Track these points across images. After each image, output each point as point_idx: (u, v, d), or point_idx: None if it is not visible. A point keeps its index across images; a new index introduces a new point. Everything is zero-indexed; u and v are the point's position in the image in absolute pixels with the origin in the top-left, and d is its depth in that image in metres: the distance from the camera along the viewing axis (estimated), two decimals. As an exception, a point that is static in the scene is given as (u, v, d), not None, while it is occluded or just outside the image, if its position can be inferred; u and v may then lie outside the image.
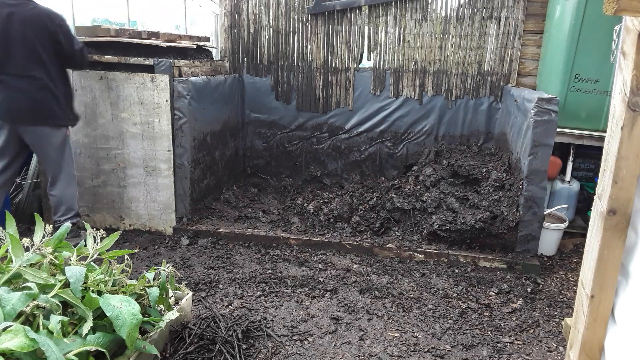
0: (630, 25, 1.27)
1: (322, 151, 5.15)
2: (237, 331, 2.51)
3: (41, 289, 1.88)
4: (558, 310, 3.04)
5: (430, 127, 4.87)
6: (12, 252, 1.95)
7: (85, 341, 1.77)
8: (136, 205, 3.99)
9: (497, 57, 4.62)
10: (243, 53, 5.02)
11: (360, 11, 4.74)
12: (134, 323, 1.86)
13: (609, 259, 1.40)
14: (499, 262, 3.56)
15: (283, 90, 5.05)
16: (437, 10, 4.62)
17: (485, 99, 4.73)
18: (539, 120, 3.35)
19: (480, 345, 2.62)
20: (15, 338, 1.54)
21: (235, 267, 3.44)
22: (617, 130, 1.32)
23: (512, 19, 4.51)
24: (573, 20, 3.73)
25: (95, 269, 2.15)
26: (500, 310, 3.01)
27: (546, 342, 2.70)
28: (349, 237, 3.87)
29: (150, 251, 3.71)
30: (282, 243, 3.83)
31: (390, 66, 4.81)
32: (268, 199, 4.75)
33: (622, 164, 1.32)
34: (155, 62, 3.70)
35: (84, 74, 3.75)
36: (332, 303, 3.00)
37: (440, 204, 3.86)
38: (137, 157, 3.89)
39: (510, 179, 3.75)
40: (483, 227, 3.57)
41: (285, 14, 4.85)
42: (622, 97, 1.30)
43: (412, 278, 3.38)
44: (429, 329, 2.75)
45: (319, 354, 2.49)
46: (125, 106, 3.79)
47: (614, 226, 1.37)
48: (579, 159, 4.33)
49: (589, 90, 3.84)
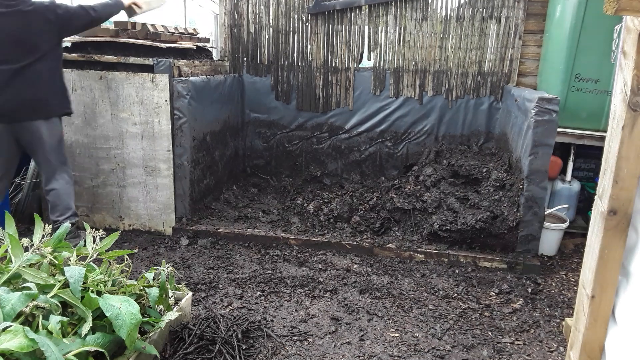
0: (631, 25, 1.27)
1: (322, 151, 5.15)
2: (237, 331, 2.51)
3: (40, 289, 1.88)
4: (559, 311, 3.03)
5: (431, 127, 4.87)
6: (12, 252, 1.95)
7: (85, 341, 1.77)
8: (136, 205, 3.99)
9: (498, 56, 4.62)
10: (243, 53, 5.02)
11: (360, 11, 4.74)
12: (134, 323, 1.85)
13: (609, 259, 1.39)
14: (500, 262, 3.56)
15: (283, 90, 5.05)
16: (437, 9, 4.61)
17: (486, 98, 4.73)
18: (539, 120, 3.34)
19: (480, 346, 2.62)
20: (15, 338, 1.54)
21: (235, 267, 3.43)
22: (618, 130, 1.32)
23: (512, 19, 4.51)
24: (573, 20, 3.73)
25: (94, 269, 2.15)
26: (500, 310, 3.00)
27: (547, 342, 2.70)
28: (349, 237, 3.87)
29: (149, 251, 3.71)
30: (282, 243, 3.83)
31: (390, 66, 4.81)
32: (268, 199, 4.74)
33: (622, 164, 1.32)
34: (154, 62, 3.69)
35: (84, 74, 3.75)
36: (332, 303, 2.99)
37: (440, 204, 3.86)
38: (137, 157, 3.88)
39: (510, 179, 3.75)
40: (483, 227, 3.57)
41: (285, 14, 4.85)
42: (623, 97, 1.30)
43: (413, 278, 3.38)
44: (429, 329, 2.75)
45: (319, 354, 2.49)
46: (125, 106, 3.79)
47: (614, 226, 1.37)
48: (580, 159, 4.33)
49: (590, 90, 3.84)
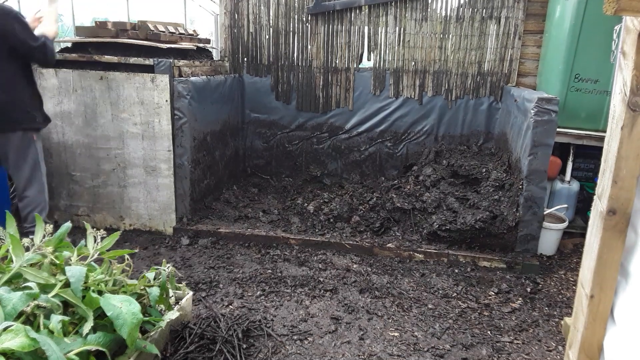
0: (630, 25, 1.27)
1: (322, 151, 5.15)
2: (237, 331, 2.52)
3: (42, 288, 1.88)
4: (557, 310, 3.04)
5: (430, 127, 4.87)
6: (13, 252, 1.96)
7: (86, 341, 1.77)
8: (136, 205, 3.99)
9: (497, 57, 4.62)
10: (243, 53, 5.02)
11: (360, 11, 4.74)
12: (135, 323, 1.86)
13: (608, 259, 1.40)
14: (499, 262, 3.57)
15: (283, 90, 5.05)
16: (437, 10, 4.62)
17: (485, 99, 4.73)
18: (539, 120, 3.35)
19: (479, 345, 2.63)
20: (16, 338, 1.54)
21: (235, 267, 3.44)
22: (617, 130, 1.32)
23: (512, 19, 4.51)
24: (573, 20, 3.74)
25: (95, 268, 2.15)
26: (499, 309, 3.01)
27: (545, 341, 2.70)
28: (349, 237, 3.87)
29: (150, 251, 3.71)
30: (282, 243, 3.83)
31: (390, 66, 4.81)
32: (268, 199, 4.75)
33: (622, 164, 1.32)
34: (155, 62, 3.70)
35: (84, 74, 3.75)
36: (332, 303, 3.00)
37: (440, 204, 3.86)
38: (137, 157, 3.89)
39: (510, 179, 3.75)
40: (483, 227, 3.58)
41: (285, 14, 4.85)
42: (622, 97, 1.31)
43: (412, 278, 3.38)
44: (429, 329, 2.75)
45: (319, 353, 2.50)
46: (125, 106, 3.79)
47: (613, 226, 1.37)
48: (579, 159, 4.34)
49: (589, 90, 3.84)
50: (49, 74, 3.76)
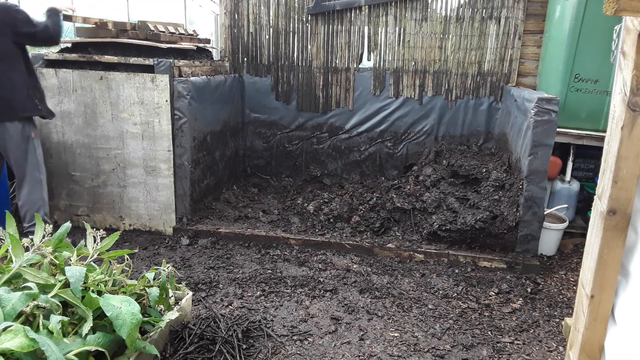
0: (630, 25, 1.27)
1: (322, 151, 5.15)
2: (237, 331, 2.51)
3: (41, 289, 1.88)
4: (558, 310, 3.04)
5: (430, 127, 4.87)
6: (12, 252, 1.95)
7: (85, 341, 1.77)
8: (136, 205, 3.99)
9: (497, 57, 4.62)
10: (243, 53, 5.02)
11: (360, 11, 4.74)
12: (134, 323, 1.86)
13: (608, 259, 1.40)
14: (499, 262, 3.56)
15: (283, 90, 5.05)
16: (437, 10, 4.62)
17: (485, 99, 4.73)
18: (539, 120, 3.35)
19: (480, 345, 2.62)
20: (15, 338, 1.54)
21: (235, 267, 3.44)
22: (617, 130, 1.32)
23: (512, 19, 4.51)
24: (573, 20, 3.73)
25: (95, 269, 2.15)
26: (500, 310, 3.01)
27: (546, 342, 2.70)
28: (349, 237, 3.87)
29: (150, 251, 3.71)
30: (282, 243, 3.83)
31: (390, 66, 4.81)
32: (268, 199, 4.75)
33: (622, 164, 1.32)
34: (155, 62, 3.70)
35: (84, 74, 3.75)
36: (332, 303, 3.00)
37: (440, 204, 3.86)
38: (137, 157, 3.89)
39: (510, 179, 3.75)
40: (483, 227, 3.57)
41: (285, 14, 4.85)
42: (622, 97, 1.30)
43: (412, 278, 3.38)
44: (429, 329, 2.75)
45: (319, 354, 2.49)
46: (125, 106, 3.79)
47: (613, 226, 1.37)
48: (579, 159, 4.33)
49: (589, 90, 3.84)
50: (49, 74, 3.76)
